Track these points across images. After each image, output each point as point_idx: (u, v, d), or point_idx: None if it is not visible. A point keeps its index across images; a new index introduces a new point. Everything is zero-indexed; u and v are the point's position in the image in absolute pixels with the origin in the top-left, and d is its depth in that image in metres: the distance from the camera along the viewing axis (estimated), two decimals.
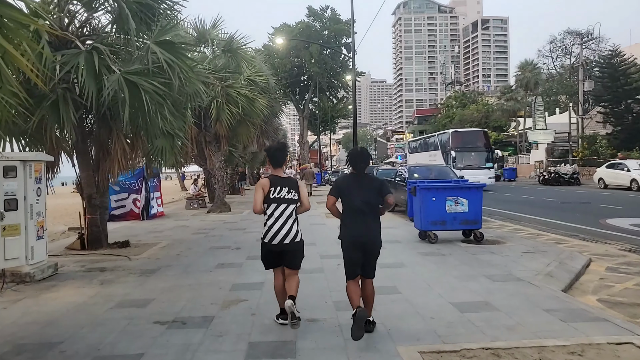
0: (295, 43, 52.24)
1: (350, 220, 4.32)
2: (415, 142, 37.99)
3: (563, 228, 11.44)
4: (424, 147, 33.45)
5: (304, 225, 5.19)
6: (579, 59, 38.15)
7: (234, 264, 7.50)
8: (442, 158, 28.04)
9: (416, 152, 35.48)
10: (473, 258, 7.53)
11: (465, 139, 27.95)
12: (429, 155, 31.03)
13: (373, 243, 4.34)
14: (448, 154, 27.23)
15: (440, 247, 8.58)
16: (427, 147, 32.61)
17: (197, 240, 10.27)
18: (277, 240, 4.40)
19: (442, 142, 29.20)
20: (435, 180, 11.12)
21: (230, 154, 24.07)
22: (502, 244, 8.78)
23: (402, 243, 9.08)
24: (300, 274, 4.64)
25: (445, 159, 27.30)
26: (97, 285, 6.26)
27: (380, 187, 4.34)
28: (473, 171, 24.37)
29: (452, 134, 28.20)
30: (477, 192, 8.99)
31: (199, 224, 13.44)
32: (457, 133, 28.84)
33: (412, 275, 6.47)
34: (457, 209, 8.92)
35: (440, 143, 29.55)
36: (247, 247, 9.01)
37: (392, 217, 13.73)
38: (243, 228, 12.00)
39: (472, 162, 26.49)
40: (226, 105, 15.86)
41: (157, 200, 16.30)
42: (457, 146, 27.06)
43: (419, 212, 9.03)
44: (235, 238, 10.34)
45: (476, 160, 26.84)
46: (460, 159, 26.39)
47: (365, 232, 4.26)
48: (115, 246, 9.17)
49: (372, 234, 4.31)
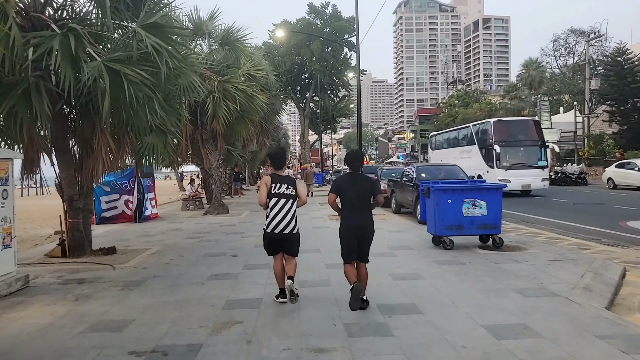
0: (296, 41, 51.50)
1: (348, 212, 5.03)
2: (441, 136, 31.33)
3: (582, 231, 10.64)
4: (453, 142, 27.79)
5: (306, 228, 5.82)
6: (585, 57, 37.31)
7: (229, 274, 6.70)
8: (480, 155, 22.75)
9: (442, 148, 29.66)
10: (496, 267, 6.74)
11: (511, 131, 22.36)
12: (460, 152, 25.72)
13: (366, 230, 5.13)
14: (489, 150, 21.85)
15: (457, 254, 7.79)
16: (458, 141, 26.95)
17: (190, 245, 9.48)
18: (278, 230, 5.06)
19: (480, 135, 23.57)
20: (450, 181, 10.32)
21: (228, 152, 23.32)
22: (524, 251, 7.99)
23: (414, 250, 8.28)
24: (304, 287, 5.06)
25: (484, 157, 22.33)
26: (71, 302, 5.46)
27: (372, 187, 5.11)
28: (522, 171, 20.30)
29: (494, 125, 22.17)
30: (496, 193, 8.19)
31: (194, 227, 12.64)
32: (501, 123, 22.89)
33: (431, 289, 5.67)
34: (475, 212, 8.12)
35: (478, 136, 23.84)
36: (245, 254, 8.21)
37: (399, 220, 12.93)
38: (241, 232, 11.21)
39: (520, 160, 21.15)
40: (223, 101, 15.09)
41: (151, 201, 15.51)
42: (502, 139, 21.46)
43: (432, 215, 8.23)
44: (232, 243, 9.54)
45: (526, 158, 21.30)
46: (505, 156, 20.98)
47: (360, 222, 5.04)
48: (100, 253, 8.37)
49: (365, 223, 5.09)
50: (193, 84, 9.35)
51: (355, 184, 5.02)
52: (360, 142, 18.18)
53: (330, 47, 52.95)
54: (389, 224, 11.90)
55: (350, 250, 5.04)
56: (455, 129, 29.69)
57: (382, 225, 11.61)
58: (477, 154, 23.22)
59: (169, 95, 9.29)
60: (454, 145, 27.40)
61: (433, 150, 31.61)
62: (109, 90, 6.81)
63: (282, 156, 5.43)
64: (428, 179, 13.61)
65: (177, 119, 10.22)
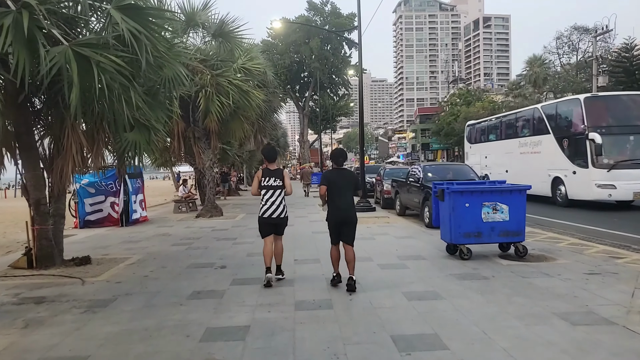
0: (295, 38, 50.53)
1: (334, 200, 5.75)
2: (486, 125, 22.89)
3: (607, 236, 9.68)
4: (508, 132, 20.22)
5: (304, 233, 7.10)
6: (593, 53, 36.32)
7: (214, 292, 5.72)
8: (559, 149, 15.87)
9: (487, 140, 22.18)
10: (526, 283, 5.77)
11: (616, 110, 15.19)
12: (519, 146, 18.58)
13: (350, 216, 5.79)
14: (577, 141, 14.93)
15: (476, 265, 6.82)
16: (516, 130, 19.49)
17: (175, 254, 8.50)
18: (268, 215, 6.01)
19: (559, 119, 16.58)
20: (464, 182, 9.34)
21: (224, 152, 22.39)
22: (552, 261, 7.02)
23: (427, 260, 7.30)
24: (300, 311, 4.85)
25: (568, 151, 15.46)
26: (18, 330, 4.49)
27: (356, 182, 5.99)
28: (636, 172, 13.71)
29: (587, 103, 14.92)
30: (519, 196, 7.22)
31: (183, 231, 11.66)
32: (598, 100, 15.52)
33: (455, 314, 4.69)
34: (496, 217, 7.16)
35: (554, 121, 16.74)
36: (235, 265, 7.24)
37: (405, 224, 11.96)
38: (233, 237, 10.23)
39: (633, 155, 14.23)
40: (216, 97, 14.12)
41: (141, 203, 14.53)
42: (601, 124, 14.50)
43: (448, 221, 7.26)
44: (222, 251, 8.57)
45: None
46: (609, 149, 14.06)
47: (345, 210, 5.76)
48: (72, 264, 7.40)
49: (349, 209, 5.79)
50: (179, 75, 8.43)
51: (341, 177, 5.86)
52: (362, 138, 17.23)
53: (330, 44, 51.99)
54: (394, 229, 10.94)
55: (336, 235, 5.88)
56: (511, 113, 21.52)
57: (388, 230, 10.64)
58: (553, 148, 16.20)
59: (153, 88, 8.37)
60: (509, 136, 19.84)
61: (472, 145, 24.12)
62: (78, 80, 5.88)
63: (273, 151, 6.47)
64: (435, 179, 12.63)
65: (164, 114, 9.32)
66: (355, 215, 5.88)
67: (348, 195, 5.81)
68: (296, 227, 11.36)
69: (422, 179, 12.77)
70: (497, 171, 20.19)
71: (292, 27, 50.82)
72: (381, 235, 9.99)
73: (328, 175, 5.95)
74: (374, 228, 11.15)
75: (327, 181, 5.83)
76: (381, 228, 11.11)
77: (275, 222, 6.09)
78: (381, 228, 11.11)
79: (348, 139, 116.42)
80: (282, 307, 4.98)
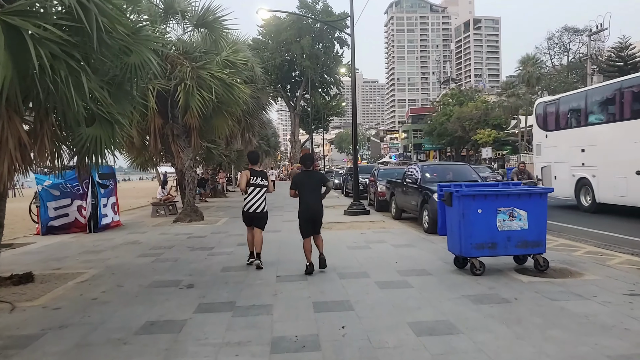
0: (286, 36, 49.44)
1: (305, 200, 6.54)
2: (575, 102, 14.58)
3: (624, 243, 8.71)
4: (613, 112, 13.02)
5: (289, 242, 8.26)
6: (588, 52, 35.61)
7: (171, 323, 4.57)
8: None
9: (576, 125, 14.48)
10: (557, 308, 4.69)
11: None
12: None
13: (318, 212, 6.59)
14: None
15: (492, 282, 5.73)
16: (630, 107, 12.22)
17: (139, 268, 7.32)
18: (252, 210, 7.00)
19: None
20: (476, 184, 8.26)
21: (208, 151, 21.17)
22: (578, 277, 5.95)
23: (433, 276, 6.19)
24: (278, 354, 3.79)
25: None
26: None
27: (322, 178, 6.79)
28: None
29: None
30: (540, 200, 6.16)
31: (156, 238, 10.47)
32: None
33: (478, 354, 3.58)
34: (513, 225, 6.08)
35: None
36: (205, 284, 6.08)
37: (402, 229, 10.86)
38: (210, 247, 9.06)
39: None
40: (197, 90, 12.95)
41: (113, 207, 13.29)
42: None
43: (457, 230, 6.17)
44: (194, 264, 7.40)
45: None
46: None
47: (314, 207, 6.53)
48: (10, 282, 6.19)
49: (317, 207, 6.57)
50: (148, 63, 7.31)
51: (309, 178, 6.61)
52: (355, 138, 16.16)
53: (321, 43, 50.96)
54: (391, 235, 9.83)
55: (307, 229, 6.56)
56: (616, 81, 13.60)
57: (384, 237, 9.53)
58: None
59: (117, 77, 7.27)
60: (620, 117, 12.59)
61: (551, 132, 15.38)
62: (9, 57, 4.77)
63: (257, 155, 7.56)
64: (434, 179, 11.60)
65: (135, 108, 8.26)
66: (322, 210, 6.68)
67: (316, 194, 6.58)
68: (283, 234, 10.25)
69: (420, 179, 11.70)
70: (608, 174, 12.65)
71: (283, 25, 49.73)
72: (377, 243, 8.88)
73: (297, 179, 6.70)
74: (368, 234, 10.05)
75: (296, 185, 6.64)
76: (377, 234, 10.01)
77: (256, 215, 7.00)
78: (377, 234, 10.01)
79: (340, 140, 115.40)
80: (255, 347, 3.85)
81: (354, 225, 11.69)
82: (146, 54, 7.35)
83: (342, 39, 51.17)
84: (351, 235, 9.92)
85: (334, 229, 11.06)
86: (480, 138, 46.78)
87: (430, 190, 10.64)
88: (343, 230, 10.90)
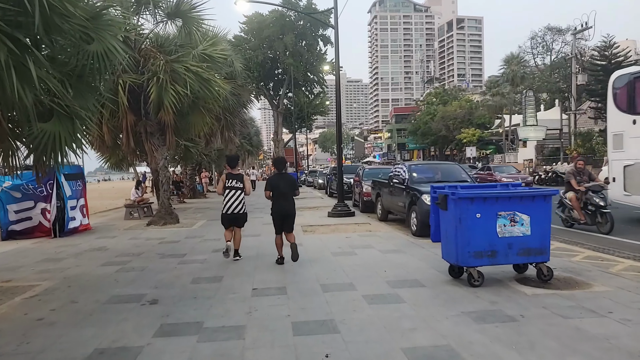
0: (269, 33, 48.55)
1: (278, 200, 7.09)
2: None
3: (621, 246, 8.25)
4: None
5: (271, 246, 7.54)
6: (572, 51, 35.58)
7: (124, 351, 3.86)
8: None
9: None
10: (572, 329, 4.10)
11: None
12: None
13: (290, 212, 7.11)
14: None
15: (493, 295, 5.13)
16: None
17: (99, 279, 6.56)
18: (230, 211, 7.33)
19: None
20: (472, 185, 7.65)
21: (186, 149, 20.33)
22: (586, 288, 5.39)
23: (426, 287, 5.57)
24: None
25: None
26: None
27: (293, 183, 7.35)
28: None
29: None
30: (544, 203, 5.58)
31: (124, 244, 9.69)
32: None
33: None
34: (514, 231, 5.50)
35: None
36: (171, 299, 5.36)
37: (389, 232, 10.24)
38: (182, 254, 8.32)
39: None
40: (171, 85, 12.17)
41: (82, 209, 12.42)
42: None
43: (453, 236, 5.56)
44: (162, 275, 6.66)
45: None
46: None
47: (286, 207, 7.08)
48: None
49: (289, 208, 7.11)
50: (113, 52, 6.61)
51: (282, 181, 7.16)
52: (339, 136, 15.53)
53: (305, 40, 50.18)
54: (378, 240, 9.21)
55: (279, 226, 7.14)
56: None
57: (371, 242, 8.90)
58: None
59: (78, 68, 6.54)
60: None
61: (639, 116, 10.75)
62: None
63: (235, 158, 7.90)
64: (422, 180, 11.04)
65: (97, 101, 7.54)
66: (294, 209, 7.19)
67: (289, 195, 7.15)
68: (263, 238, 9.57)
69: (407, 180, 11.11)
70: None
71: (266, 22, 48.81)
72: (363, 248, 8.26)
73: (272, 182, 7.21)
74: (354, 238, 9.41)
75: (271, 186, 7.14)
76: (363, 238, 9.38)
77: (235, 216, 7.38)
78: (363, 238, 9.38)
79: (324, 139, 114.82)
80: None
81: (338, 228, 11.05)
82: (109, 42, 6.66)
83: (325, 36, 50.48)
84: (336, 240, 9.27)
85: (317, 232, 10.40)
86: (464, 137, 46.59)
87: (419, 191, 10.07)
88: (327, 234, 10.26)
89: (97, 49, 6.46)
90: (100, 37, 6.54)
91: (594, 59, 36.68)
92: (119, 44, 7.00)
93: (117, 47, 6.86)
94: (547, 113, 45.26)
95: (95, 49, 6.45)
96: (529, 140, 38.07)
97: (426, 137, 58.11)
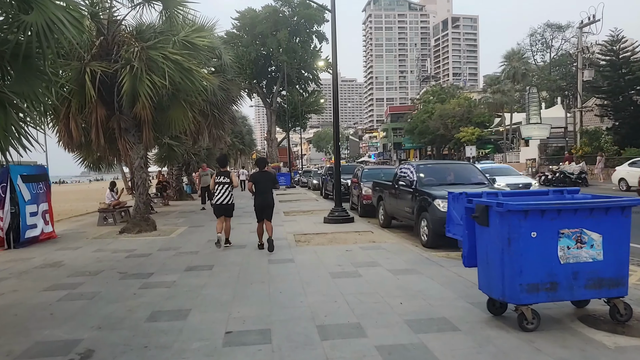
0: (262, 29, 47.03)
1: (260, 194, 8.29)
2: None
3: None
4: None
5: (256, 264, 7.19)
6: (578, 45, 34.28)
7: None
8: None
9: None
10: None
11: None
12: None
13: (270, 204, 8.36)
14: None
15: (558, 347, 3.67)
16: None
17: (32, 312, 5.04)
18: (219, 202, 8.44)
19: None
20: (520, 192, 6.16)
21: (169, 148, 18.81)
22: None
23: (462, 333, 4.09)
24: None
25: None
26: None
27: (273, 178, 8.84)
28: None
29: None
30: (621, 217, 4.13)
31: (86, 258, 8.16)
32: None
33: None
34: (582, 256, 4.06)
35: None
36: (112, 347, 3.85)
37: (396, 243, 8.72)
38: (148, 272, 6.79)
39: None
40: (146, 74, 10.67)
41: (44, 215, 10.87)
42: None
43: (498, 262, 4.10)
44: (113, 305, 5.15)
45: None
46: None
47: (266, 200, 8.31)
48: None
49: (269, 198, 8.35)
50: (57, 25, 5.24)
51: (264, 177, 8.45)
52: (337, 135, 14.07)
53: (299, 37, 48.66)
54: (385, 254, 7.71)
55: (260, 215, 8.37)
56: None
57: (376, 257, 7.40)
58: None
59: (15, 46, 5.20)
60: None
61: None
62: None
63: (225, 159, 9.21)
64: (433, 182, 9.61)
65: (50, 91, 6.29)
66: (273, 200, 8.47)
67: (269, 188, 8.38)
68: (247, 250, 8.11)
69: (415, 182, 9.67)
70: None
71: (259, 18, 47.28)
72: (368, 267, 6.78)
73: (255, 177, 8.44)
74: (356, 252, 7.93)
75: (255, 180, 8.36)
76: (366, 252, 7.90)
77: (225, 207, 8.49)
78: (366, 252, 7.90)
79: (318, 138, 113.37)
80: None
81: (336, 237, 9.56)
82: (53, 11, 5.26)
83: (320, 33, 49.03)
84: (334, 254, 7.79)
85: (312, 244, 8.93)
86: (463, 136, 45.20)
87: (430, 195, 8.65)
88: (324, 245, 8.78)
89: (36, 20, 5.12)
90: (40, 5, 5.16)
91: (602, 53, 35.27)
92: (68, 16, 5.55)
93: (63, 19, 5.42)
94: (550, 111, 43.96)
95: (34, 20, 5.10)
96: (533, 139, 36.73)
97: (423, 136, 56.66)
